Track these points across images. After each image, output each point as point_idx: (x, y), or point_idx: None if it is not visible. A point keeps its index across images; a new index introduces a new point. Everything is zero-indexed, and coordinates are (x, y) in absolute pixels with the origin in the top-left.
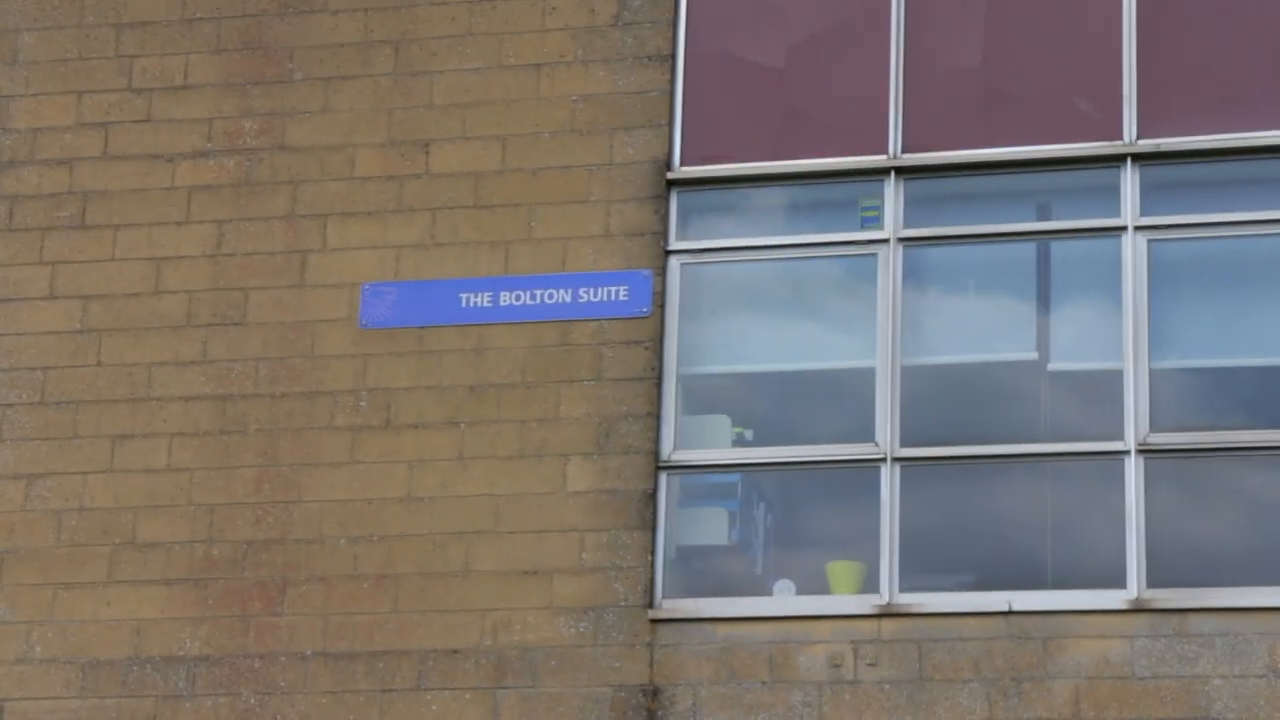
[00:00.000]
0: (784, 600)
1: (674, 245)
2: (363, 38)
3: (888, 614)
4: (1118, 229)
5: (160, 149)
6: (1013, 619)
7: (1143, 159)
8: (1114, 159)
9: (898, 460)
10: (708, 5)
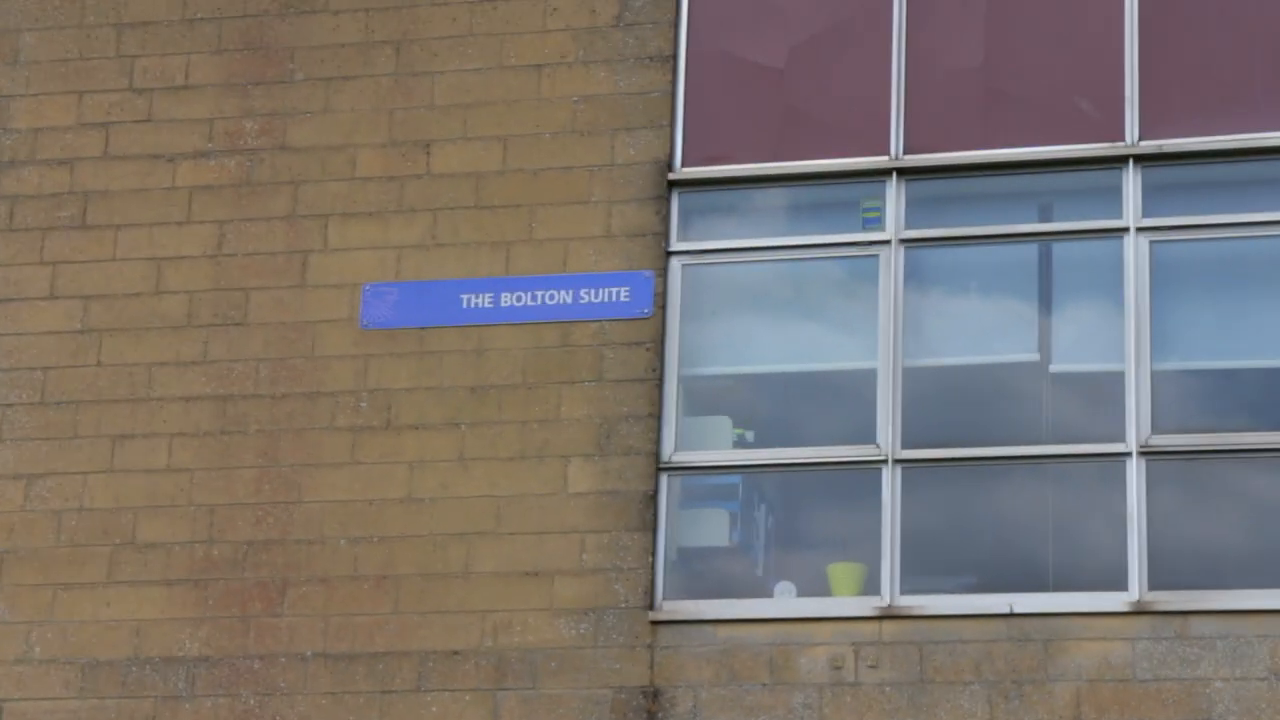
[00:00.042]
0: (785, 602)
1: (675, 246)
2: (364, 38)
3: (889, 616)
4: (1119, 230)
5: (161, 149)
6: (1014, 621)
7: (1144, 160)
8: (1116, 160)
9: (899, 462)
10: (709, 6)
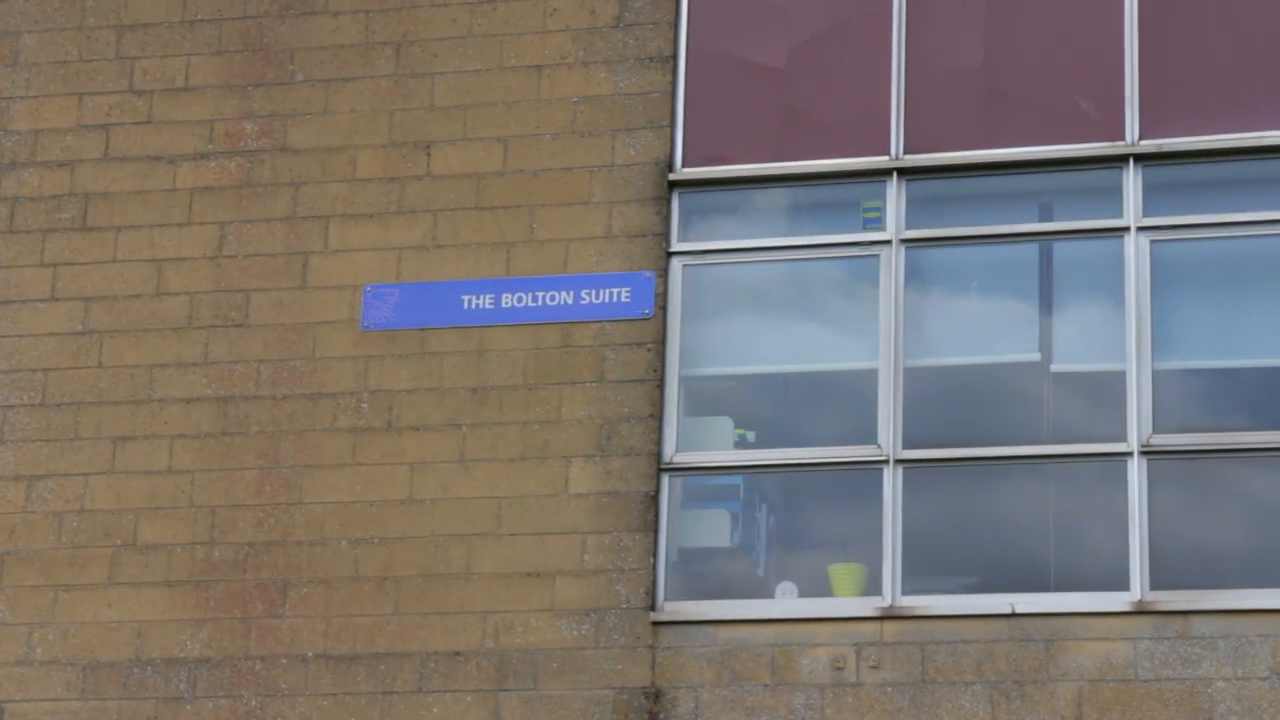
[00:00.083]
0: (786, 602)
1: (676, 247)
2: (364, 39)
3: (890, 616)
4: (1120, 230)
5: (161, 151)
6: (1015, 621)
7: (1145, 159)
8: (1116, 159)
9: (900, 462)
10: (709, 6)
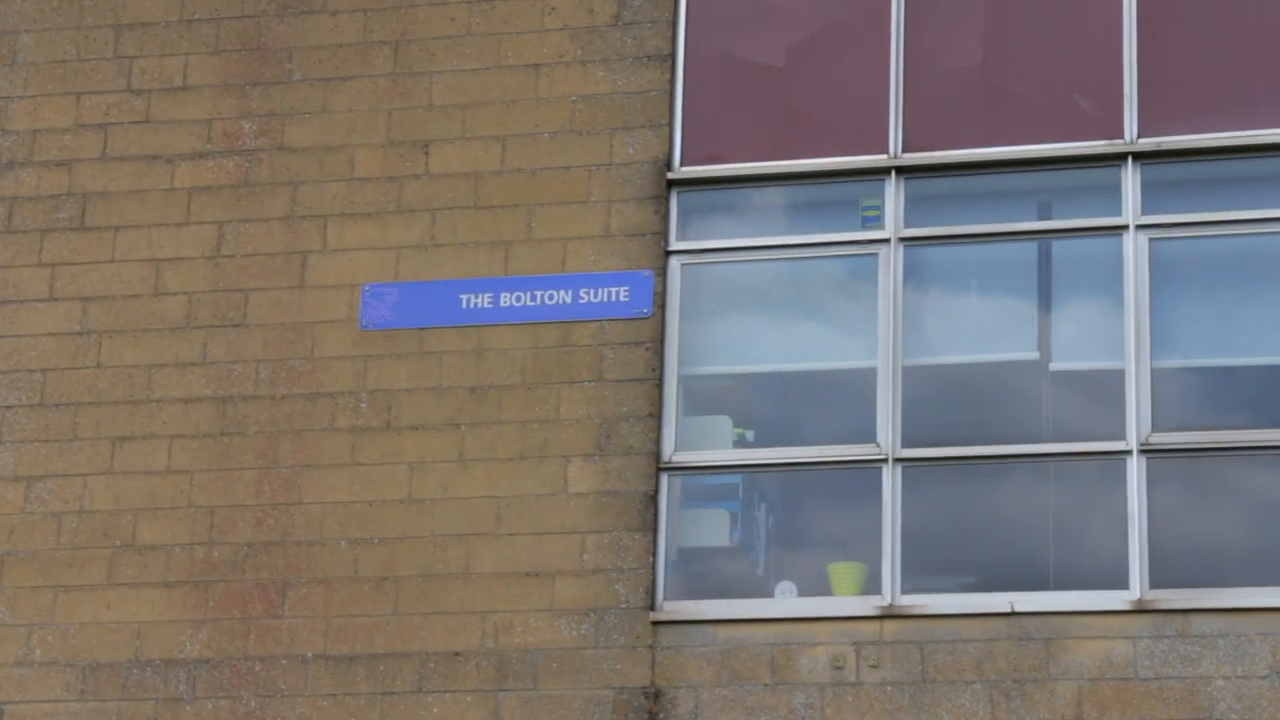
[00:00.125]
0: (785, 602)
1: (674, 245)
2: (362, 38)
3: (890, 615)
4: (1119, 228)
5: (159, 150)
6: (1015, 620)
7: (1144, 157)
8: (1115, 157)
9: (899, 461)
10: (707, 5)
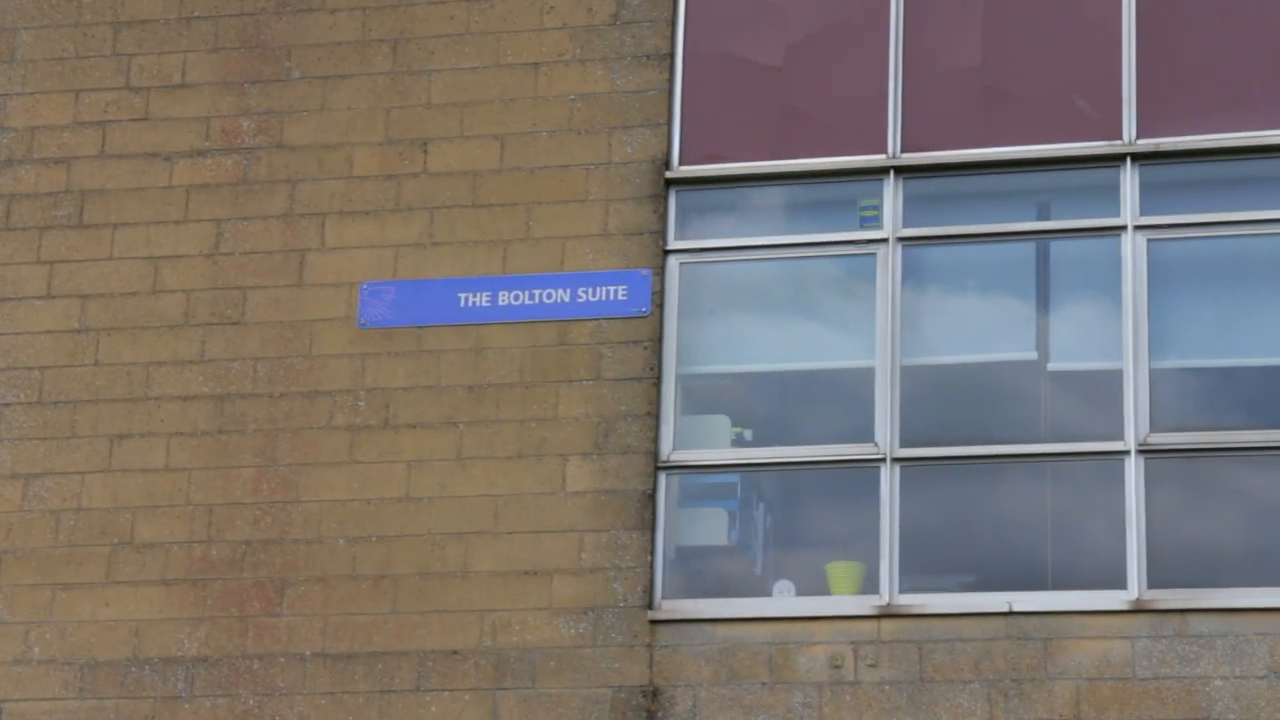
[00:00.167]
0: (784, 601)
1: (673, 245)
2: (360, 36)
3: (888, 615)
4: (1117, 228)
5: (158, 148)
6: (1013, 620)
7: (1142, 158)
8: (1113, 158)
9: (897, 460)
10: (706, 4)
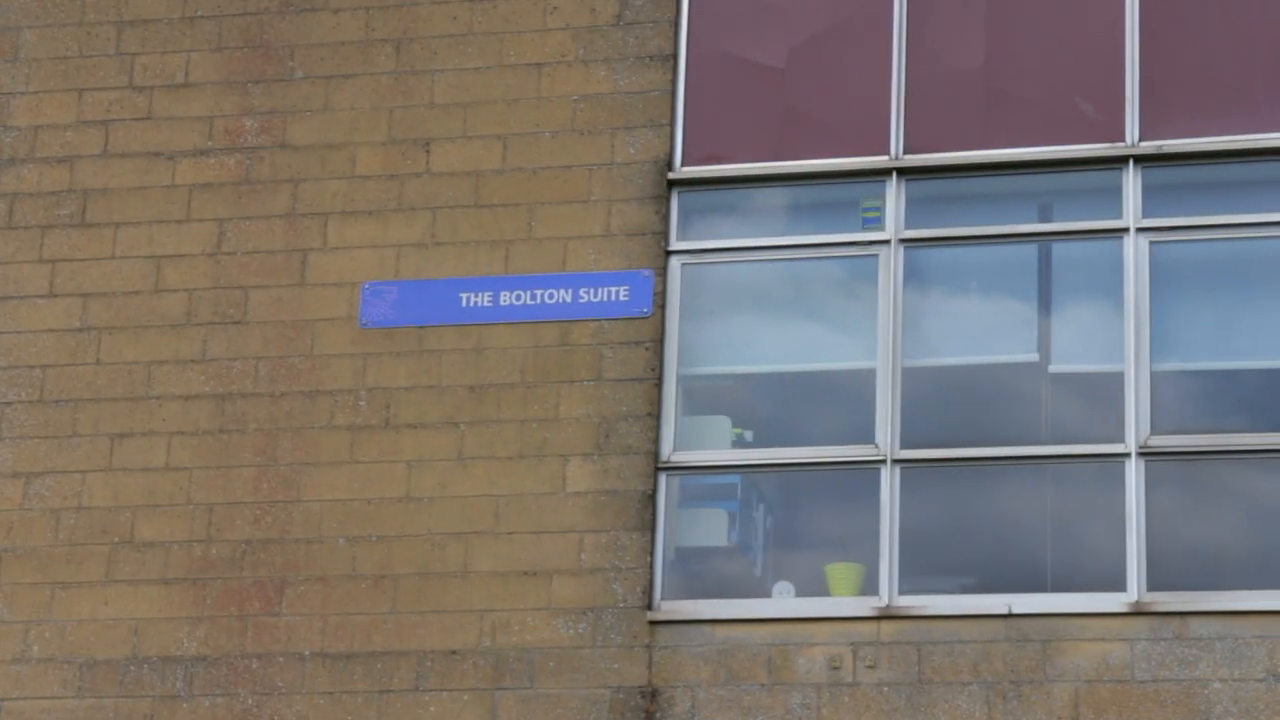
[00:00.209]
0: (783, 602)
1: (675, 245)
2: (364, 36)
3: (887, 616)
4: (1119, 230)
5: (161, 147)
6: (1012, 622)
7: (1145, 160)
8: (1116, 160)
9: (898, 462)
10: (709, 5)
